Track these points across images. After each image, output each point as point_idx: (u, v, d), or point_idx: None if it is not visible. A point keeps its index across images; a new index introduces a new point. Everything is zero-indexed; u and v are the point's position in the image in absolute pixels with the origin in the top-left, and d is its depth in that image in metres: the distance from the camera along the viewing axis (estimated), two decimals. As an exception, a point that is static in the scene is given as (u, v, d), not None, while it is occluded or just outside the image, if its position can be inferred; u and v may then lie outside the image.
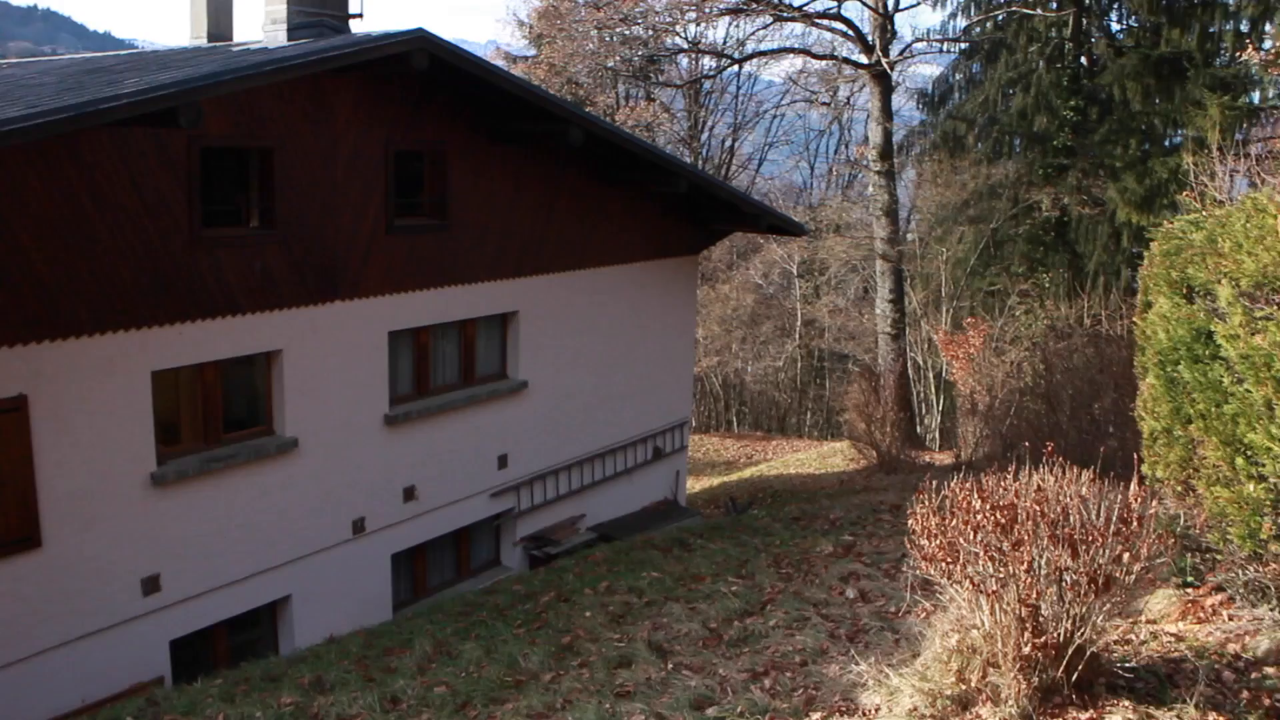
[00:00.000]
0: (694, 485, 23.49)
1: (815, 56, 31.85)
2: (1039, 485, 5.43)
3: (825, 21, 28.00)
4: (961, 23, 31.53)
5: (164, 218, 9.81)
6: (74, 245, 9.20)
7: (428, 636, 8.99)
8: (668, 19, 30.74)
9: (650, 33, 32.06)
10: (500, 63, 33.66)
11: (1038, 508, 5.21)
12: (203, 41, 14.68)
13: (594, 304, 14.97)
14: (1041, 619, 5.10)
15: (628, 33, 32.34)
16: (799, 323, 37.40)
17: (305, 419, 11.27)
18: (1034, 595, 5.07)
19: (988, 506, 5.33)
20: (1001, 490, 5.46)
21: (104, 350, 9.51)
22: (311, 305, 11.16)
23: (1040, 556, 5.09)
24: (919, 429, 29.34)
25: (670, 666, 7.12)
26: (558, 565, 12.02)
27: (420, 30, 10.93)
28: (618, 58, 33.67)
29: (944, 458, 23.00)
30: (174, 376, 10.35)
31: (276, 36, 11.98)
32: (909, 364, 29.64)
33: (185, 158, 9.95)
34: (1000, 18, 29.98)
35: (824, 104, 38.67)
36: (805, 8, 27.70)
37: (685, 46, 33.99)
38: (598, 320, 15.07)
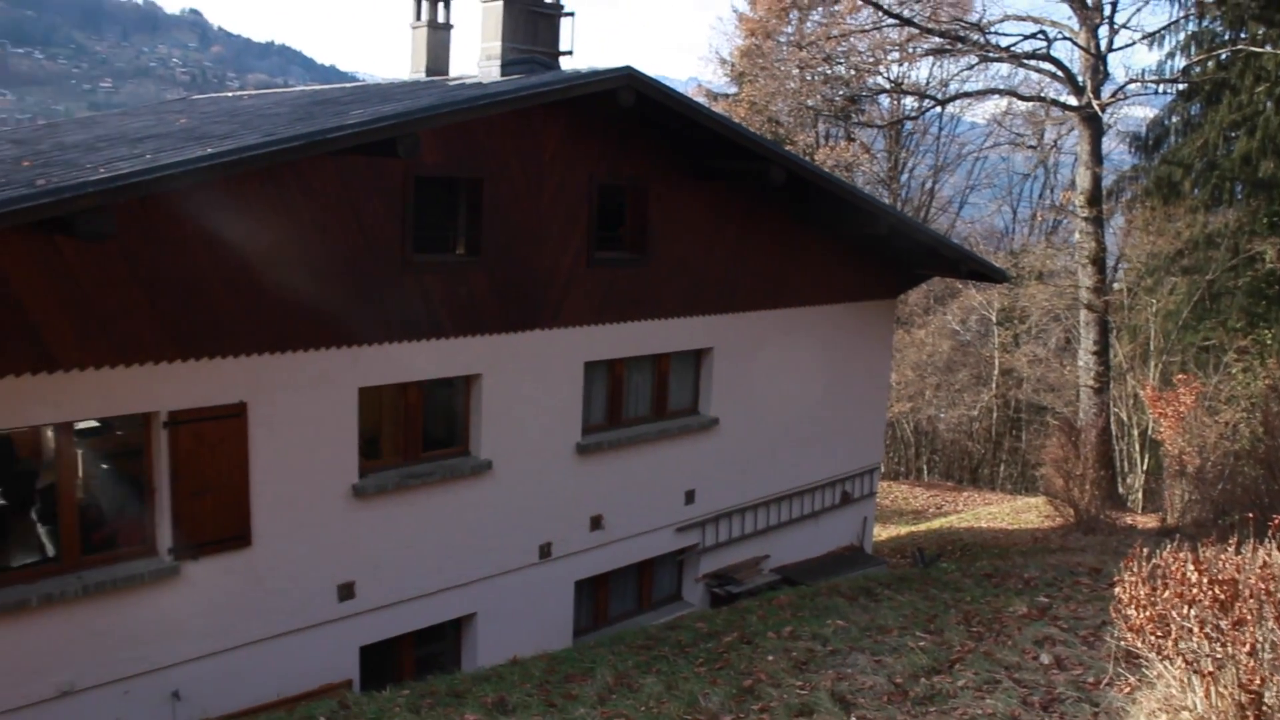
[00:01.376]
0: (880, 533, 22.95)
1: (1022, 98, 31.03)
2: (1264, 560, 5.06)
3: (1033, 62, 27.21)
4: (1180, 62, 29.94)
5: (379, 243, 10.29)
6: (296, 264, 9.75)
7: (609, 667, 9.03)
8: (870, 59, 30.56)
9: (852, 72, 31.91)
10: (701, 100, 34.02)
11: (1263, 585, 4.86)
12: (421, 75, 15.37)
13: (788, 344, 14.86)
14: (1266, 708, 4.74)
15: (830, 72, 32.27)
16: (996, 371, 36.21)
17: (500, 442, 11.57)
18: (1257, 680, 4.72)
19: (1204, 579, 5.00)
20: (1221, 563, 5.12)
21: (317, 365, 10.02)
22: (512, 332, 11.48)
23: (1265, 639, 4.74)
24: (1120, 489, 27.91)
25: (853, 719, 6.94)
26: (741, 605, 11.90)
27: (628, 68, 11.14)
28: (819, 96, 33.58)
29: (1147, 521, 21.78)
30: (379, 394, 10.82)
31: (491, 72, 12.42)
32: (1112, 420, 28.25)
33: (401, 186, 10.41)
34: (1224, 56, 28.38)
35: (1030, 147, 37.59)
36: (1013, 48, 27.01)
37: (887, 86, 33.62)
38: (791, 360, 14.95)
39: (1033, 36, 26.45)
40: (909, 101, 34.28)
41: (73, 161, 9.43)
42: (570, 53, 13.18)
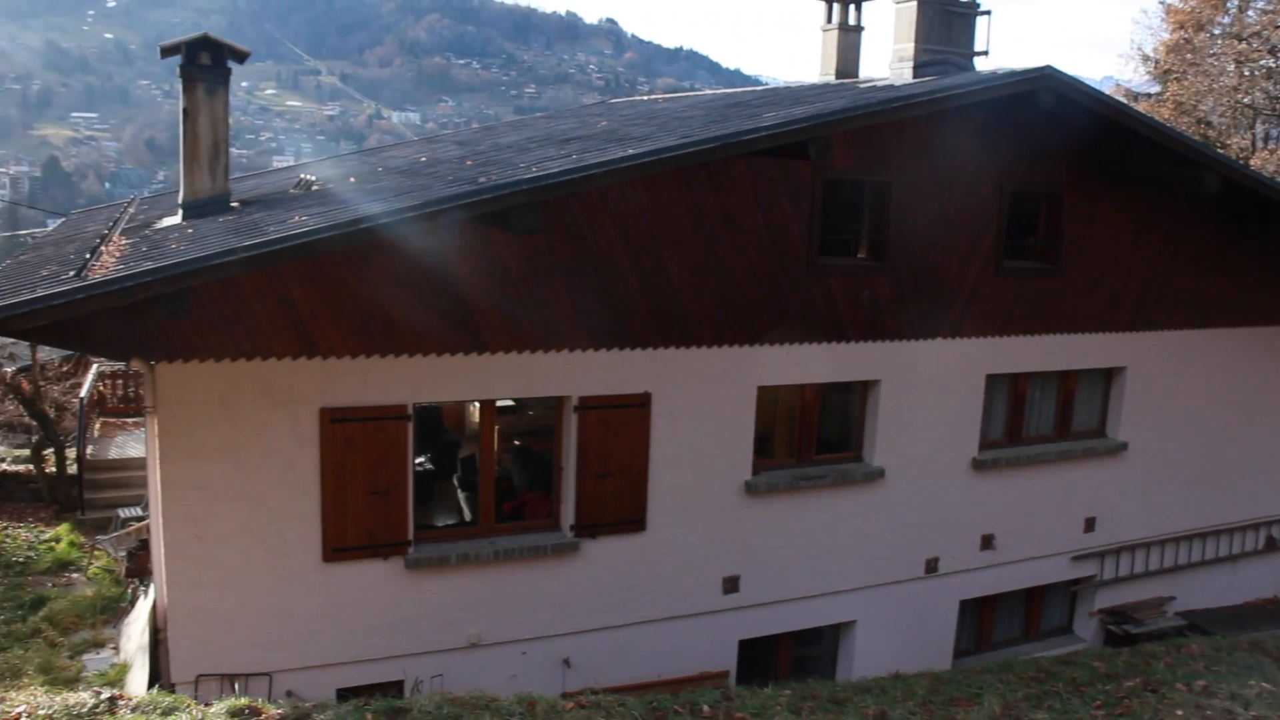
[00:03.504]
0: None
1: None
2: None
3: None
4: None
5: (784, 244, 10.39)
6: (705, 263, 10.05)
7: (997, 695, 8.63)
8: (1328, 47, 27.24)
9: (1301, 64, 28.60)
10: (1120, 100, 31.75)
11: None
12: (831, 78, 15.35)
13: (1212, 368, 13.55)
14: None
15: (1273, 65, 29.12)
16: None
17: (893, 451, 11.38)
18: None
19: None
20: None
21: (719, 361, 10.28)
22: (913, 339, 11.25)
23: None
24: None
25: (1285, 796, 6.20)
26: (1143, 649, 10.99)
27: (1048, 68, 10.59)
28: (1259, 93, 30.35)
29: None
30: (775, 393, 10.96)
31: (902, 74, 12.19)
32: None
33: (809, 188, 10.44)
34: None
35: None
36: None
37: (1348, 79, 29.82)
38: (1214, 386, 13.62)
39: None
40: (1370, 97, 30.21)
41: (508, 161, 10.24)
42: (986, 53, 12.69)
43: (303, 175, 12.87)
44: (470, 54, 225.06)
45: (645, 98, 20.22)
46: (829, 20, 15.61)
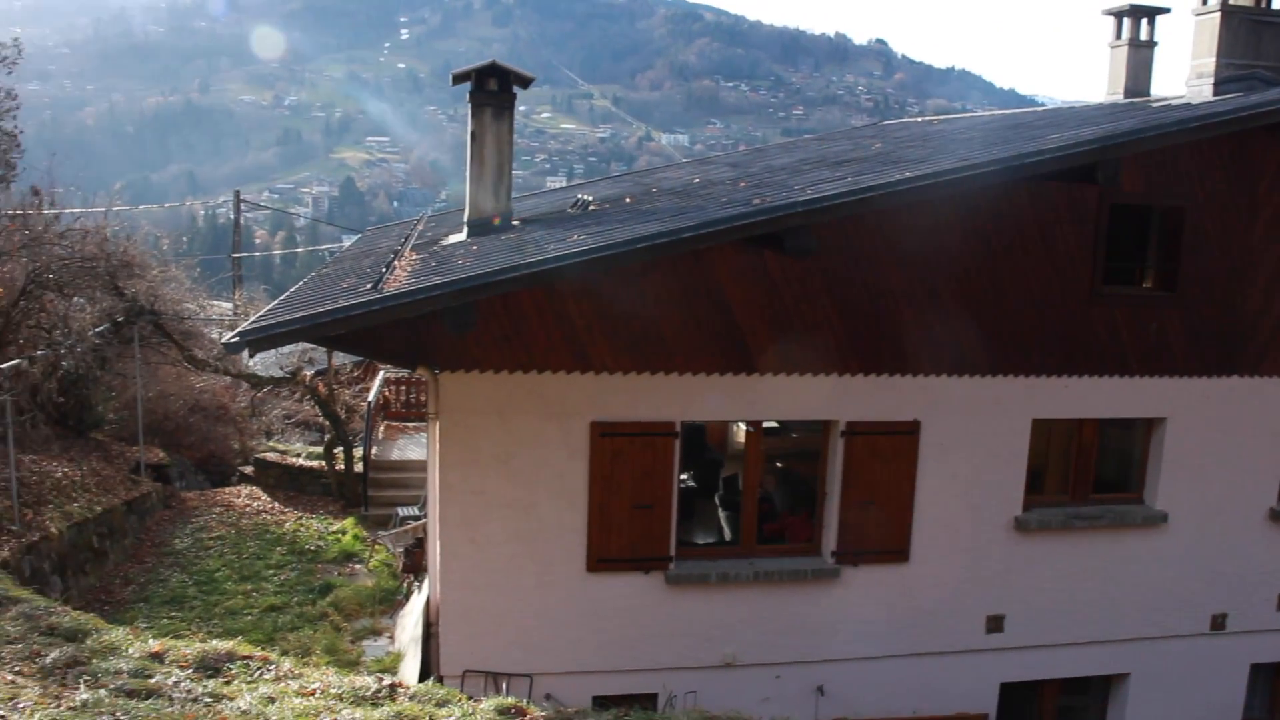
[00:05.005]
0: None
1: None
2: None
3: None
4: None
5: (1066, 272, 9.94)
6: (981, 289, 9.76)
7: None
8: None
9: None
10: None
11: None
12: (1119, 97, 14.59)
13: None
14: None
15: None
16: None
17: (1179, 495, 10.65)
18: None
19: None
20: None
21: (992, 391, 9.95)
22: (1205, 376, 10.51)
23: None
24: None
25: None
26: None
27: (1378, 81, 9.68)
28: None
29: None
30: (1050, 427, 10.48)
31: (1201, 91, 11.46)
32: None
33: (1095, 214, 9.95)
34: None
35: None
36: None
37: None
38: None
39: None
40: None
41: (781, 183, 10.27)
42: (1311, 65, 11.72)
43: (580, 195, 13.33)
44: (739, 76, 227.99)
45: (918, 119, 19.80)
46: (1118, 36, 14.83)
